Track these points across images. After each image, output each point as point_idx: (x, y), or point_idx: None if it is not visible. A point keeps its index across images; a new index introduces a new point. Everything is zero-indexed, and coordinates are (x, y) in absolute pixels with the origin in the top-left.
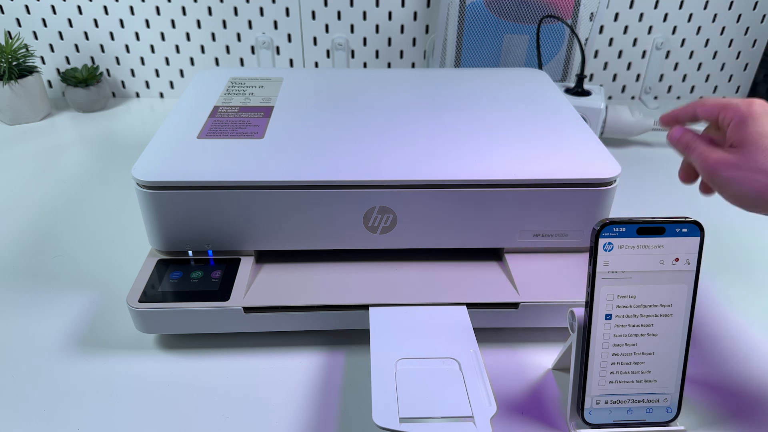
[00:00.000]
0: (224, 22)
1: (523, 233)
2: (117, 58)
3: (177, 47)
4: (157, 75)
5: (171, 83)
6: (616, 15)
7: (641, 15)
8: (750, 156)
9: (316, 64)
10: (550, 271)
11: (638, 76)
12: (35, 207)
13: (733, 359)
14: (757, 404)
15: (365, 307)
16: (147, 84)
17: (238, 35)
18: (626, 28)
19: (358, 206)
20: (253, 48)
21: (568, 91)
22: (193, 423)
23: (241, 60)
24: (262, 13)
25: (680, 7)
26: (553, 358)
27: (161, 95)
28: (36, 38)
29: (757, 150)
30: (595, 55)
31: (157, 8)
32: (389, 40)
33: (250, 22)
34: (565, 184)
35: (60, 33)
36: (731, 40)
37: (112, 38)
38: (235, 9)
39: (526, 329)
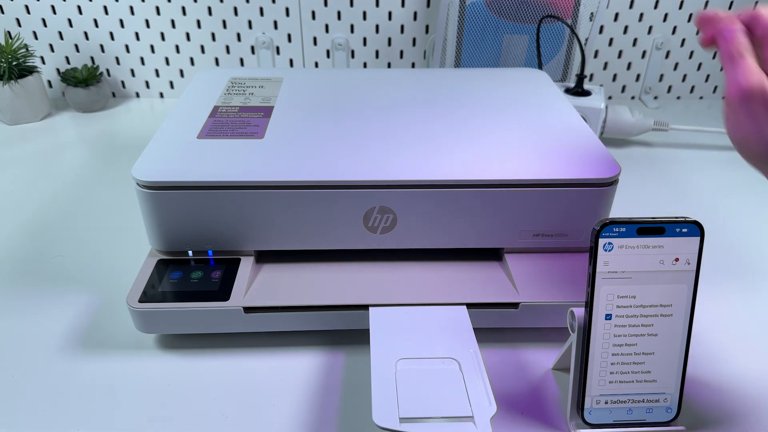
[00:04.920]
0: (224, 22)
1: (523, 233)
2: (117, 58)
3: (177, 47)
4: (157, 75)
5: (171, 83)
6: (616, 15)
7: (641, 15)
8: None
9: (316, 64)
10: (550, 271)
11: (638, 76)
12: (35, 207)
13: (732, 359)
14: (757, 404)
15: (365, 307)
16: (147, 84)
17: (238, 35)
18: (626, 28)
19: (358, 206)
20: (253, 48)
21: (568, 91)
22: (193, 423)
23: (241, 60)
24: (262, 13)
25: (680, 7)
26: (553, 358)
27: (161, 95)
28: (36, 38)
29: None
30: (595, 55)
31: (157, 8)
32: (389, 40)
33: (250, 22)
34: (565, 184)
35: (60, 33)
36: None
37: (112, 38)
38: (235, 9)
39: (526, 329)
